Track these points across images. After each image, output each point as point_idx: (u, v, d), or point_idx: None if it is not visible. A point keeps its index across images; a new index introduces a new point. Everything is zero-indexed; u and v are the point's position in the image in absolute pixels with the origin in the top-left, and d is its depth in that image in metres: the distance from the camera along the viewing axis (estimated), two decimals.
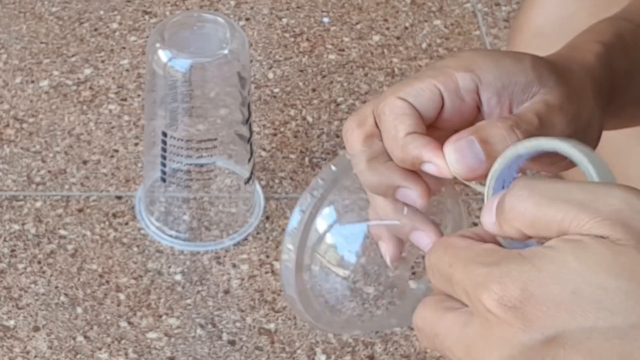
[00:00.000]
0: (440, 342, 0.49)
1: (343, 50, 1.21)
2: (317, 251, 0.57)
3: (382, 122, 0.56)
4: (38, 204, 1.04)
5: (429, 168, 0.55)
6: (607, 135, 0.93)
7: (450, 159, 0.54)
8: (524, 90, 0.57)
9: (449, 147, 0.54)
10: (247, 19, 1.25)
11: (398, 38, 1.23)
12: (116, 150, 1.10)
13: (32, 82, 1.16)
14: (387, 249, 0.58)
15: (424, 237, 0.57)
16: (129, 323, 0.96)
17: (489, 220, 0.49)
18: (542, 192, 0.47)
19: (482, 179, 0.54)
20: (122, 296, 0.97)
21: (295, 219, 0.56)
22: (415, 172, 0.56)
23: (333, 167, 0.58)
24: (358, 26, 1.24)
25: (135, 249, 1.01)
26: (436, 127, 0.57)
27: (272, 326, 0.96)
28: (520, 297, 0.45)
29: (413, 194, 0.56)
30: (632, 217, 0.45)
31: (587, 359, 0.44)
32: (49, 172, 1.08)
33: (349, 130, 0.57)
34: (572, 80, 0.59)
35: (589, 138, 0.59)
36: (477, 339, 0.47)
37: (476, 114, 0.57)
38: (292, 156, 1.10)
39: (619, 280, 0.44)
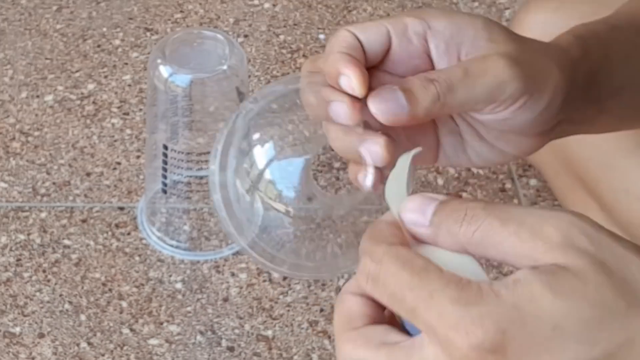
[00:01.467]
0: None
1: None
2: (257, 188, 0.55)
3: (326, 49, 0.56)
4: (43, 215, 1.05)
5: (343, 82, 0.54)
6: (593, 149, 0.95)
7: (374, 109, 0.53)
8: (472, 43, 0.56)
9: (371, 95, 0.54)
10: (246, 36, 1.24)
11: None
12: (119, 163, 1.10)
13: (37, 96, 1.16)
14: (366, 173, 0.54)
15: (373, 145, 0.54)
16: (131, 330, 0.96)
17: (420, 221, 0.46)
18: (497, 213, 0.45)
19: (404, 124, 0.53)
20: (124, 304, 0.98)
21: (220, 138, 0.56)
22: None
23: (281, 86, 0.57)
24: None
25: (137, 258, 1.02)
26: (387, 72, 0.57)
27: (269, 333, 0.96)
28: (501, 341, 0.42)
29: (341, 106, 0.54)
30: (579, 240, 0.44)
31: None
32: (54, 183, 1.08)
33: (303, 65, 0.57)
34: (529, 42, 0.58)
35: (550, 104, 0.58)
36: None
37: (428, 63, 0.57)
38: None
39: (594, 309, 0.42)
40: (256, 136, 0.57)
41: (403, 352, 0.44)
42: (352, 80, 0.54)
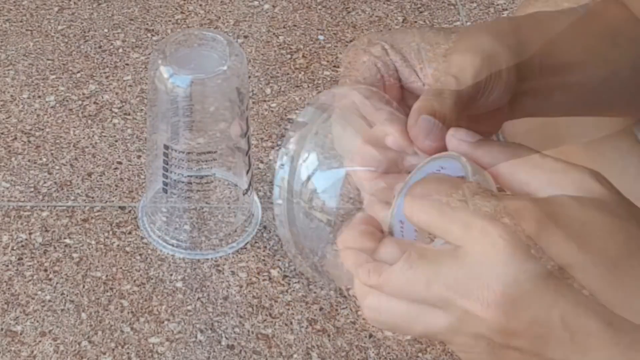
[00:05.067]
0: (432, 284, 0.52)
1: (337, 66, 1.21)
2: (301, 198, 0.56)
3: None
4: (44, 214, 1.05)
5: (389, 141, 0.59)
6: (590, 150, 0.95)
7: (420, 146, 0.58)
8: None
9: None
10: (246, 37, 1.25)
11: None
12: (120, 163, 1.10)
13: (39, 97, 1.16)
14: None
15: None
16: (132, 328, 0.96)
17: (466, 138, 0.55)
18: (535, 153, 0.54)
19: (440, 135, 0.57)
20: (125, 302, 0.98)
21: (280, 172, 0.57)
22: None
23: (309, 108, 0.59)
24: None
25: (137, 257, 1.02)
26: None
27: (269, 331, 0.96)
28: (536, 229, 0.49)
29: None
30: (598, 185, 0.52)
31: (589, 285, 0.49)
32: (55, 183, 1.08)
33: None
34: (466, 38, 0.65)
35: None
36: (476, 267, 0.49)
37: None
38: None
39: (609, 216, 0.51)
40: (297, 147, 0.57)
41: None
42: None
